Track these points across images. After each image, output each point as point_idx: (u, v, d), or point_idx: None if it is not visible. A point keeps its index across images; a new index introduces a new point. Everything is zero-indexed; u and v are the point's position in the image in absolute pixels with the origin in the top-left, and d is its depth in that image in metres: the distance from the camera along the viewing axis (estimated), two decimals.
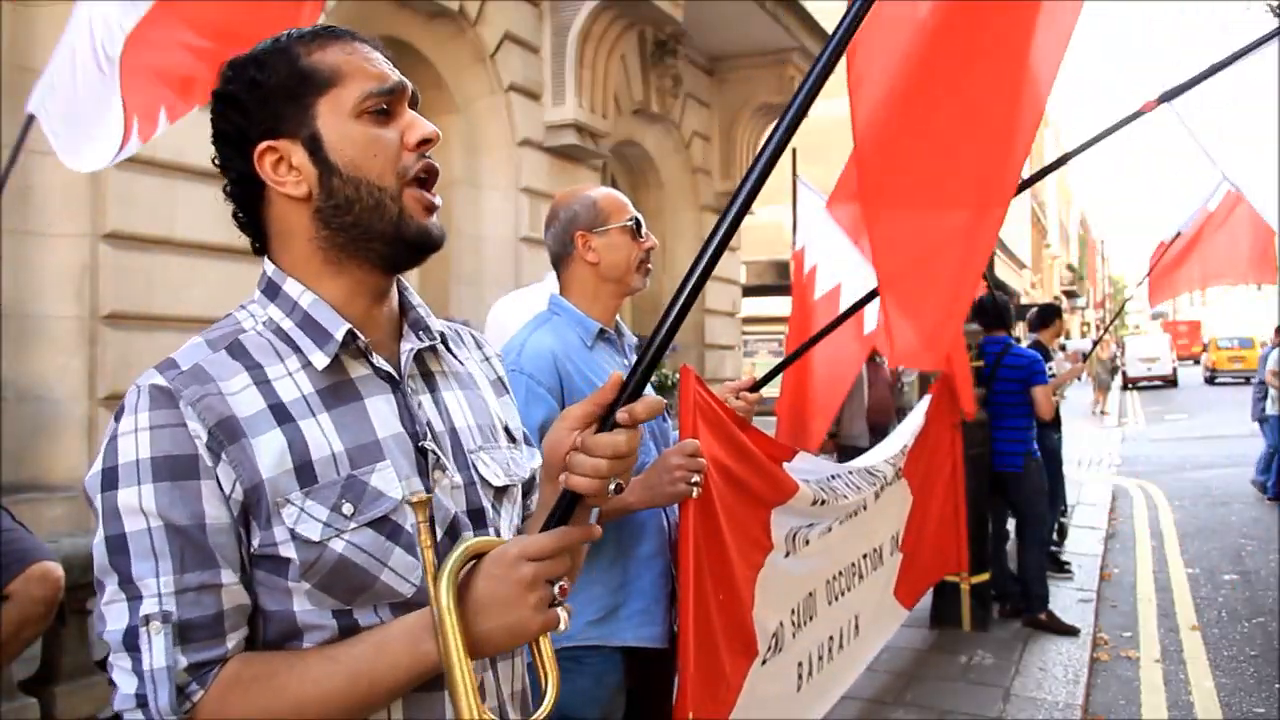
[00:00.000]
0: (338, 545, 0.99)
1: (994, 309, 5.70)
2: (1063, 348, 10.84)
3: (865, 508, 3.43)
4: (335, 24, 1.18)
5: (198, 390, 0.98)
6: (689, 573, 2.11)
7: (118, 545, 0.96)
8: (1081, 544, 7.58)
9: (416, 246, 1.08)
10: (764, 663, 2.52)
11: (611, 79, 7.90)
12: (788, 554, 2.69)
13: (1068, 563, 6.73)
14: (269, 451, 0.98)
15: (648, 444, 2.16)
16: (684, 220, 10.24)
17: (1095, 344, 11.79)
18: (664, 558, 2.16)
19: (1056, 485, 6.69)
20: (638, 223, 2.20)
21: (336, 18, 5.88)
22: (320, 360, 1.04)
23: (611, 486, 1.04)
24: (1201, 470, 11.73)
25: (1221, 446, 13.87)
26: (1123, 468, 12.58)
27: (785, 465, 2.66)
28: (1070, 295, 49.66)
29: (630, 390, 1.06)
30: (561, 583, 1.01)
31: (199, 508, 0.96)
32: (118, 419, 0.98)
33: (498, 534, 1.13)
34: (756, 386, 2.64)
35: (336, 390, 1.05)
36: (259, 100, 1.05)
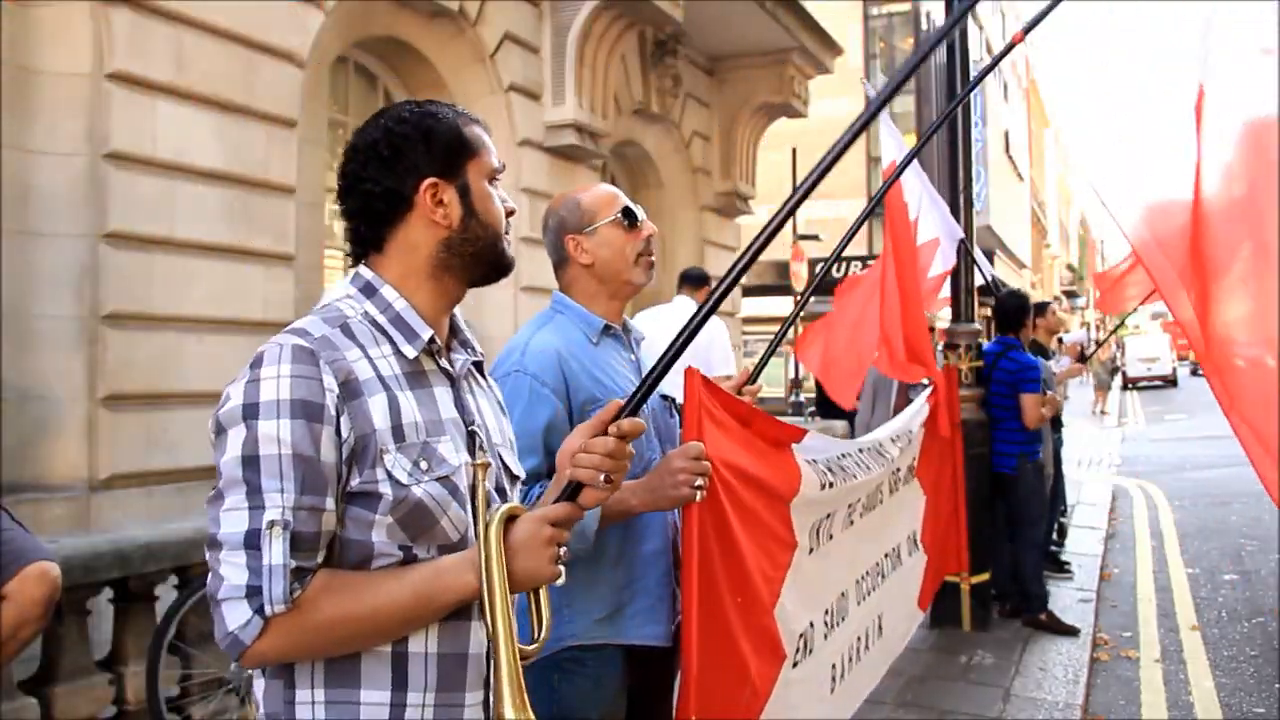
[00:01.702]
0: (418, 490, 1.26)
1: (1000, 311, 5.71)
2: (1060, 340, 10.81)
3: (882, 501, 3.42)
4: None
5: (332, 354, 1.25)
6: (693, 572, 2.10)
7: (251, 463, 1.19)
8: (1081, 544, 7.58)
9: (504, 270, 1.46)
10: (795, 665, 2.50)
11: (611, 79, 7.90)
12: (813, 550, 2.67)
13: (1068, 563, 6.73)
14: (379, 409, 1.26)
15: (653, 442, 2.15)
16: (684, 220, 10.24)
17: (1098, 345, 11.78)
18: (668, 556, 2.15)
19: (1057, 485, 6.69)
20: (629, 213, 2.14)
21: (337, 17, 5.88)
22: (410, 352, 1.34)
23: (603, 479, 1.35)
24: (1201, 470, 11.72)
25: (1221, 446, 13.84)
26: (1123, 468, 12.58)
27: (795, 447, 2.64)
28: (1070, 295, 49.65)
29: (629, 410, 1.41)
30: (565, 548, 1.32)
31: (320, 446, 1.21)
32: (256, 366, 1.22)
33: None
34: (753, 378, 2.63)
35: (416, 376, 1.34)
36: (431, 145, 1.37)
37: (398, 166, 1.35)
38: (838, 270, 19.80)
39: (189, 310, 4.88)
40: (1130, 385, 30.25)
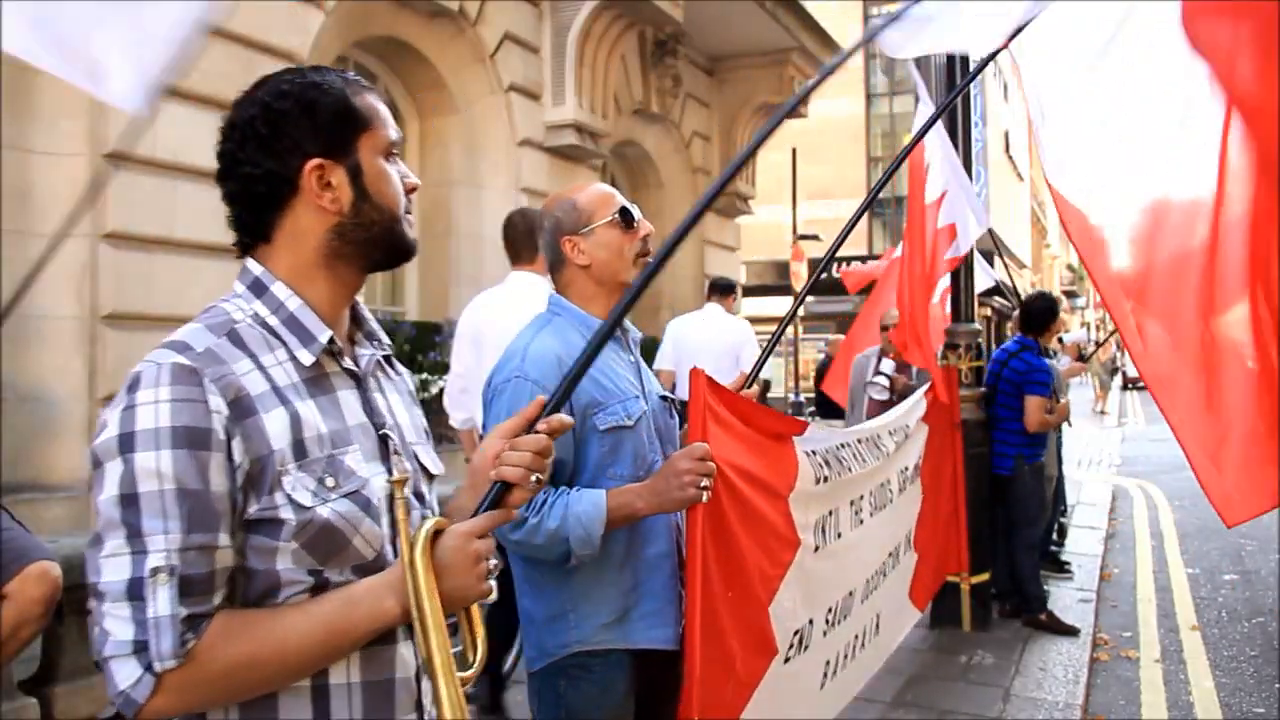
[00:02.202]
0: (324, 511, 1.15)
1: (1026, 311, 5.71)
2: (1060, 340, 10.80)
3: (891, 500, 3.43)
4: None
5: (218, 369, 1.12)
6: (696, 574, 2.10)
7: (130, 502, 1.06)
8: (1081, 544, 7.58)
9: (404, 253, 1.32)
10: (786, 660, 2.50)
11: (611, 79, 7.90)
12: (818, 548, 2.67)
13: (1068, 563, 6.73)
14: (276, 426, 1.14)
15: (654, 443, 2.14)
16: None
17: (1098, 346, 11.77)
18: (673, 559, 2.14)
19: (1057, 485, 6.69)
20: (626, 213, 2.12)
21: (337, 18, 5.88)
22: (306, 358, 1.21)
23: (533, 479, 1.24)
24: None
25: None
26: (1123, 468, 12.57)
27: (796, 439, 2.65)
28: (1070, 295, 49.66)
29: (553, 407, 1.31)
30: (494, 561, 1.21)
31: (208, 476, 1.08)
32: (132, 390, 1.09)
33: (432, 513, 1.33)
34: (750, 381, 2.62)
35: (317, 382, 1.22)
36: (315, 121, 1.21)
37: (278, 146, 1.20)
38: (837, 270, 19.85)
39: (189, 310, 4.82)
40: (1130, 385, 30.23)
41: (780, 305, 19.82)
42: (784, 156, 16.95)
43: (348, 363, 1.27)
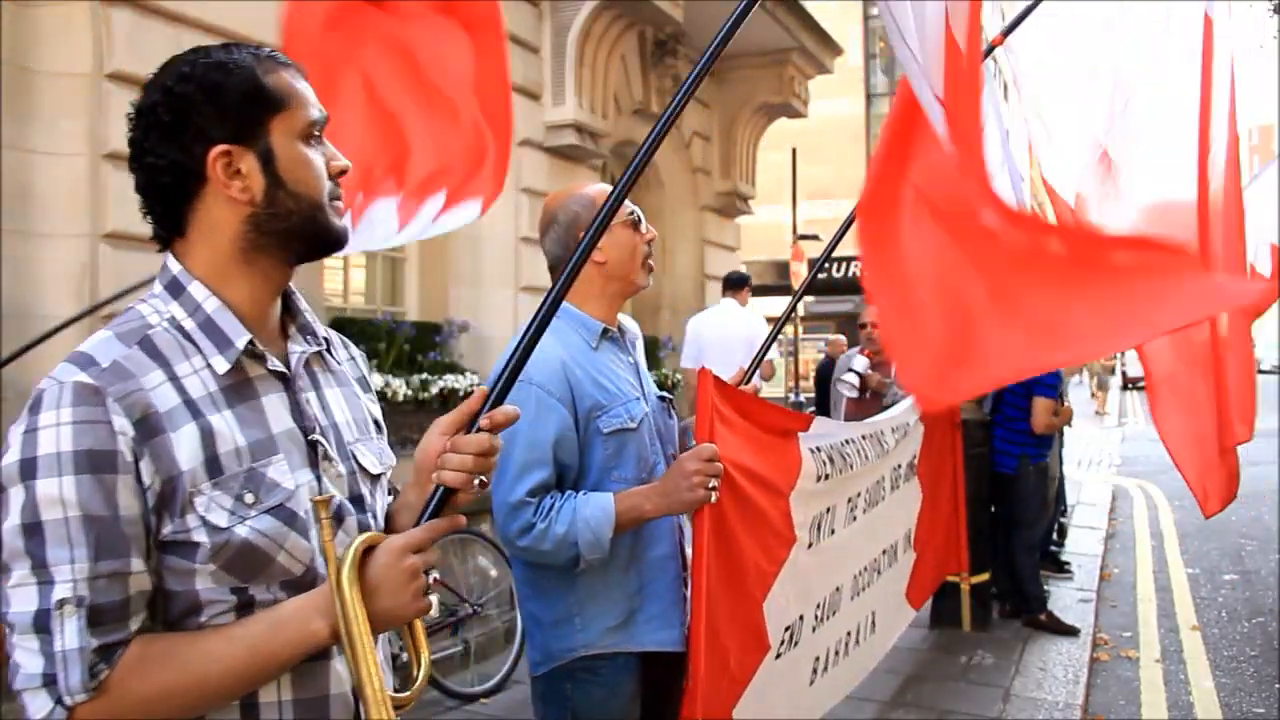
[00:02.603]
0: (242, 530, 1.09)
1: None
2: None
3: (884, 497, 3.42)
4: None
5: (122, 387, 1.05)
6: (703, 574, 2.10)
7: (34, 531, 1.01)
8: (1081, 544, 7.58)
9: (330, 243, 1.22)
10: (778, 656, 2.51)
11: (611, 79, 7.90)
12: (811, 544, 2.67)
13: (1068, 563, 6.73)
14: (187, 444, 1.07)
15: (655, 444, 2.14)
16: (684, 220, 10.23)
17: None
18: (677, 560, 2.15)
19: (1057, 485, 6.69)
20: (637, 216, 2.15)
21: None
22: (222, 365, 1.13)
23: (476, 482, 1.18)
24: None
25: None
26: (1123, 468, 12.57)
27: (801, 435, 2.65)
28: None
29: (494, 400, 1.23)
30: (435, 574, 1.16)
31: (115, 500, 1.03)
32: (34, 412, 1.04)
33: (374, 517, 1.27)
34: (748, 377, 2.63)
35: (237, 389, 1.14)
36: (220, 105, 1.13)
37: (181, 134, 1.12)
38: (839, 270, 19.83)
39: None
40: (1130, 385, 30.22)
41: (781, 305, 19.82)
42: (784, 156, 16.95)
43: (274, 364, 1.18)
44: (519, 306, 7.03)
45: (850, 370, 5.86)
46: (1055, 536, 7.03)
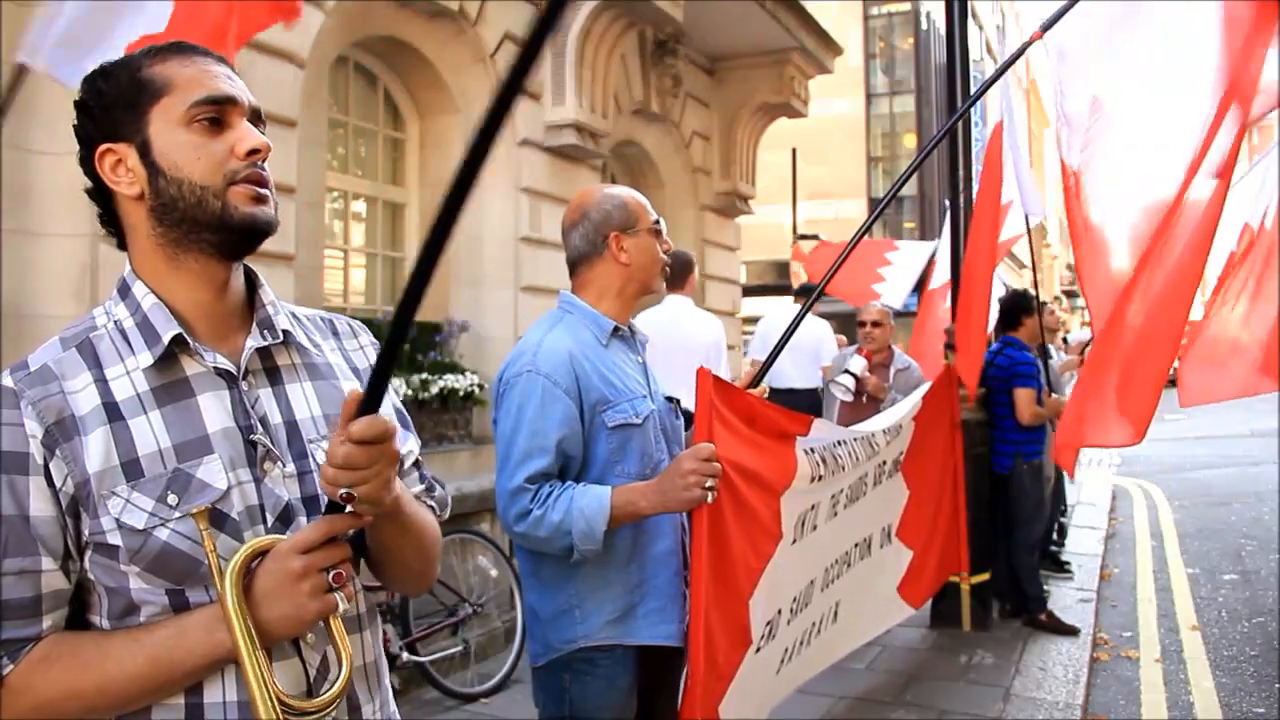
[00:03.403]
0: (162, 534, 1.07)
1: (1000, 309, 5.71)
2: (1065, 340, 10.77)
3: (865, 493, 3.43)
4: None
5: (40, 391, 1.07)
6: (702, 571, 2.11)
7: None
8: (1081, 544, 7.58)
9: (245, 233, 1.15)
10: (758, 651, 2.53)
11: (611, 79, 7.90)
12: (795, 540, 2.69)
13: (1068, 563, 6.73)
14: (96, 448, 1.06)
15: (660, 444, 2.16)
16: (684, 220, 10.23)
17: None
18: (678, 556, 2.16)
19: (1057, 485, 6.69)
20: (660, 225, 2.25)
21: (337, 18, 5.88)
22: (146, 361, 1.12)
23: (340, 493, 1.06)
24: (1201, 470, 11.71)
25: (1221, 446, 13.86)
26: (1123, 468, 12.57)
27: (800, 438, 2.65)
28: (1070, 295, 49.63)
29: (365, 404, 1.05)
30: (338, 569, 1.09)
31: (25, 501, 1.05)
32: None
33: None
34: (757, 379, 2.64)
35: (169, 389, 1.12)
36: (103, 107, 1.14)
37: (84, 143, 1.16)
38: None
39: None
40: None
41: (781, 305, 19.81)
42: (784, 156, 16.95)
43: (218, 360, 1.14)
44: (519, 306, 7.03)
45: (846, 371, 5.46)
46: (1055, 536, 7.03)
